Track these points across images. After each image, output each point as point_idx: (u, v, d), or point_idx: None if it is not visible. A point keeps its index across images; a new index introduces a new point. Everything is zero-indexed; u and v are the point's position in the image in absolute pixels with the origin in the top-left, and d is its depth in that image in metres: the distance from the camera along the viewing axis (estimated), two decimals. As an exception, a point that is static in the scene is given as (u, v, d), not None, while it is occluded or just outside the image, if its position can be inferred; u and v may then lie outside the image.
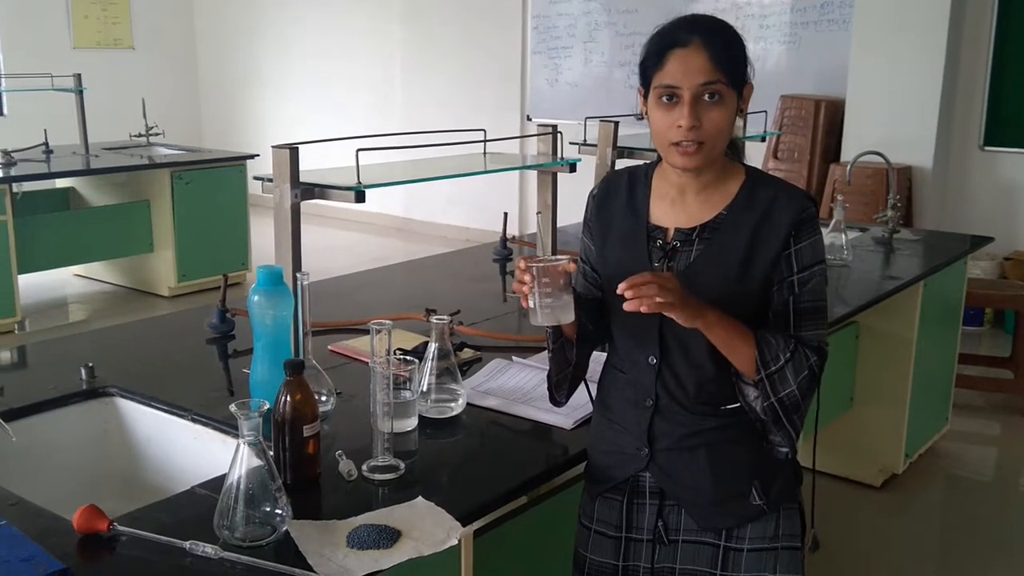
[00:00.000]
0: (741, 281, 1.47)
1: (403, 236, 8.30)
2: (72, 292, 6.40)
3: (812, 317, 1.48)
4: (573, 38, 7.45)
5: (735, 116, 1.47)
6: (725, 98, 1.43)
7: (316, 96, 8.95)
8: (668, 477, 1.53)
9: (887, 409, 3.50)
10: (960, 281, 3.84)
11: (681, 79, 1.41)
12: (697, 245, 1.50)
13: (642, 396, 1.53)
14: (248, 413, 1.32)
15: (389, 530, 1.36)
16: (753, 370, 1.44)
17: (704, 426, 1.51)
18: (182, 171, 5.96)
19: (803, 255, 1.47)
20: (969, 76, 5.79)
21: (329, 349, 2.22)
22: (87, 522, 1.34)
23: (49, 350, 2.42)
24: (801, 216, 1.46)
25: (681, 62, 1.41)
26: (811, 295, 1.48)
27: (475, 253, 3.51)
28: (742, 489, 1.51)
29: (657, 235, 1.53)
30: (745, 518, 1.52)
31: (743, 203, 1.49)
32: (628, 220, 1.56)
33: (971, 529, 3.43)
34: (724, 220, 1.49)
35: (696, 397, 1.50)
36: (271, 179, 1.88)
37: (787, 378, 1.43)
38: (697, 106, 1.41)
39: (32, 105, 6.70)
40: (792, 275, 1.47)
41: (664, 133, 1.45)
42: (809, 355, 1.45)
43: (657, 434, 1.53)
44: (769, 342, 1.44)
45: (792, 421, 1.47)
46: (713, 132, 1.43)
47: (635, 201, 1.57)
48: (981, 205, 5.86)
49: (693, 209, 1.52)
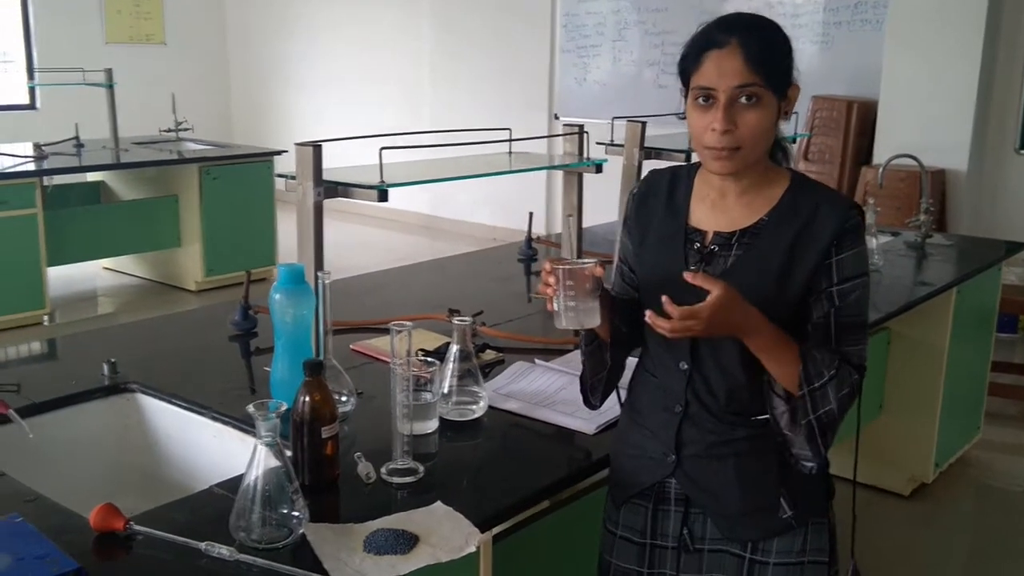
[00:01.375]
0: (779, 290, 1.42)
1: (430, 234, 8.30)
2: (101, 285, 6.46)
3: (853, 332, 1.43)
4: (602, 36, 7.41)
5: (776, 119, 1.42)
6: (763, 100, 1.38)
7: (345, 92, 8.97)
8: (695, 485, 1.50)
9: (917, 417, 3.43)
10: (994, 288, 3.76)
11: (716, 81, 1.38)
12: (736, 250, 1.45)
13: (672, 401, 1.50)
14: (266, 414, 1.31)
15: (407, 535, 1.34)
16: (796, 385, 1.39)
17: (734, 435, 1.47)
18: (210, 166, 6.00)
19: (845, 266, 1.41)
20: (1005, 78, 5.69)
21: (351, 348, 2.20)
22: (103, 520, 1.34)
23: (72, 344, 2.43)
24: (844, 226, 1.41)
25: (716, 64, 1.38)
26: (853, 309, 1.42)
27: (500, 253, 3.49)
28: (770, 501, 1.47)
29: (695, 238, 1.49)
30: (772, 531, 1.48)
31: (785, 210, 1.44)
32: (667, 221, 1.52)
33: (1001, 540, 3.36)
34: (764, 226, 1.45)
35: (727, 406, 1.47)
36: (294, 177, 1.86)
37: (828, 396, 1.39)
38: (732, 109, 1.37)
39: (64, 99, 6.77)
40: (832, 286, 1.41)
41: (700, 136, 1.42)
42: (851, 373, 1.41)
43: (685, 440, 1.49)
44: (815, 358, 1.39)
45: (826, 439, 1.42)
46: (749, 136, 1.38)
47: (675, 202, 1.53)
48: (1017, 210, 5.76)
49: (734, 213, 1.47)
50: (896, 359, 3.37)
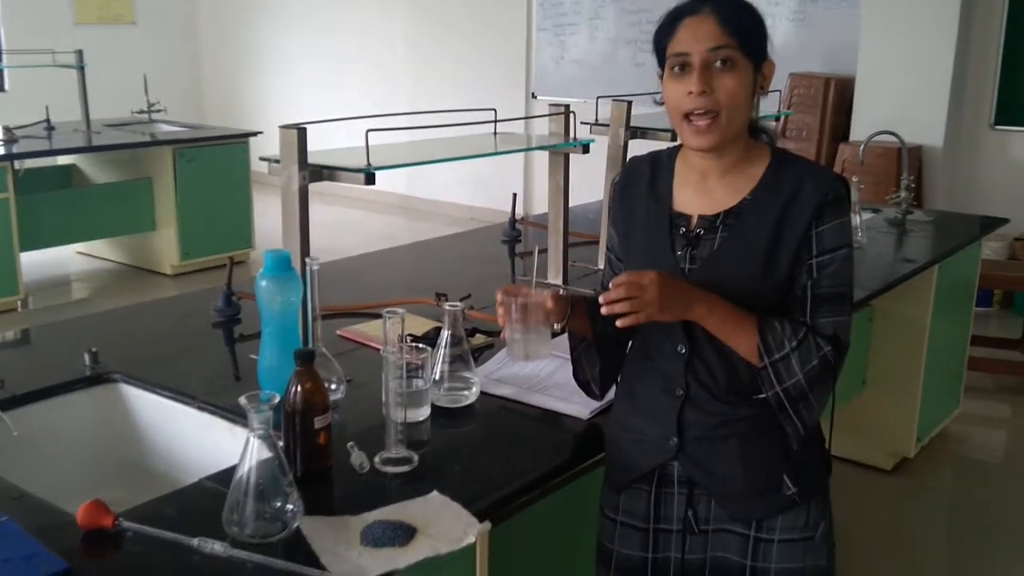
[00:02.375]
0: (767, 268, 1.42)
1: (406, 214, 8.24)
2: (75, 270, 6.37)
3: (831, 303, 1.42)
4: (579, 15, 7.35)
5: (753, 90, 1.41)
6: (738, 65, 1.38)
7: (319, 71, 8.86)
8: (698, 467, 1.49)
9: (899, 393, 3.46)
10: (974, 263, 3.79)
11: (691, 45, 1.38)
12: (721, 232, 1.44)
13: (672, 385, 1.49)
14: (258, 406, 1.28)
15: (404, 527, 1.32)
16: (757, 357, 1.39)
17: (735, 415, 1.46)
18: (184, 148, 5.91)
19: (825, 237, 1.41)
20: (980, 54, 5.71)
21: (338, 334, 2.17)
22: (91, 518, 1.30)
23: (52, 334, 2.38)
24: (826, 198, 1.40)
25: (691, 29, 1.39)
26: (831, 280, 1.42)
27: (483, 234, 3.46)
28: (774, 479, 1.47)
29: (680, 223, 1.48)
30: (777, 509, 1.48)
31: (768, 186, 1.44)
32: (650, 208, 1.51)
33: (981, 513, 3.40)
34: (748, 205, 1.44)
35: (728, 386, 1.46)
36: (278, 160, 1.82)
37: (792, 367, 1.38)
38: (708, 72, 1.37)
39: (33, 81, 6.63)
40: (811, 258, 1.41)
41: (676, 105, 1.41)
42: (821, 344, 1.40)
43: (687, 424, 1.48)
44: (774, 328, 1.39)
45: (799, 412, 1.42)
46: (727, 101, 1.38)
47: (657, 187, 1.52)
48: (991, 185, 5.80)
49: (717, 194, 1.46)
50: (878, 335, 3.39)
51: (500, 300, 1.47)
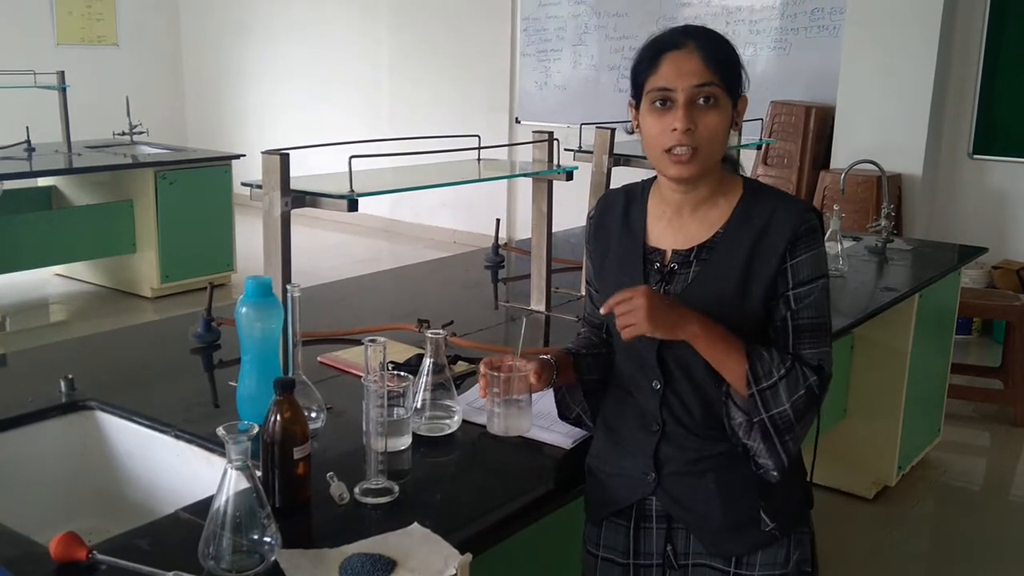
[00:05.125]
0: (740, 301, 1.42)
1: (389, 237, 8.23)
2: (53, 292, 6.30)
3: (812, 335, 1.43)
4: (563, 40, 7.41)
5: (730, 124, 1.42)
6: (720, 103, 1.39)
7: (302, 95, 8.86)
8: (676, 503, 1.48)
9: (880, 421, 3.46)
10: (954, 292, 3.81)
11: (675, 80, 1.38)
12: (695, 267, 1.45)
13: (648, 420, 1.49)
14: (236, 436, 1.26)
15: (384, 560, 1.29)
16: (744, 384, 1.38)
17: (712, 451, 1.46)
18: (166, 171, 5.88)
19: (800, 269, 1.41)
20: (959, 84, 5.79)
21: (318, 361, 2.15)
22: (65, 550, 1.27)
23: (27, 359, 2.34)
24: (799, 230, 1.41)
25: (674, 64, 1.38)
26: (810, 311, 1.42)
27: (466, 259, 3.45)
28: (750, 515, 1.46)
29: (655, 257, 1.48)
30: (756, 544, 1.47)
31: (740, 220, 1.44)
32: (625, 241, 1.52)
33: (963, 541, 3.40)
34: (721, 239, 1.44)
35: (704, 421, 1.45)
36: (260, 186, 1.81)
37: (780, 396, 1.38)
38: (692, 109, 1.37)
39: (14, 102, 6.59)
40: (788, 289, 1.41)
41: (657, 140, 1.40)
42: (807, 374, 1.40)
43: (664, 459, 1.48)
44: (763, 356, 1.39)
45: (784, 443, 1.41)
46: (708, 137, 1.38)
47: (631, 221, 1.52)
48: (970, 214, 5.86)
49: (690, 228, 1.47)
50: (860, 363, 3.40)
51: (483, 372, 1.49)
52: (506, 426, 1.49)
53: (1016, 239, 5.72)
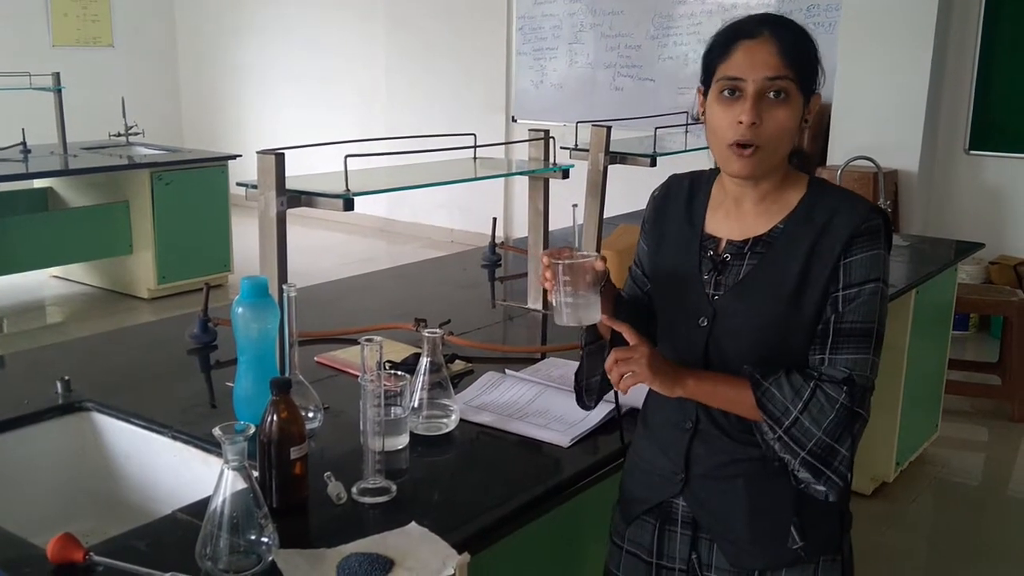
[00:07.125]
0: (795, 303, 1.34)
1: (386, 237, 8.23)
2: (49, 294, 6.30)
3: (853, 340, 1.32)
4: (558, 39, 7.40)
5: (800, 121, 1.35)
6: (791, 98, 1.32)
7: (298, 95, 8.86)
8: (702, 506, 1.44)
9: (878, 417, 3.39)
10: (951, 288, 3.81)
11: (747, 71, 1.31)
12: (749, 259, 1.39)
13: (682, 418, 1.44)
14: (233, 437, 1.26)
15: (382, 559, 1.29)
16: (767, 427, 1.33)
17: (745, 455, 1.39)
18: (162, 171, 5.87)
19: (853, 269, 1.32)
20: (955, 80, 5.79)
21: (315, 360, 2.15)
22: (62, 552, 1.27)
23: (23, 361, 2.34)
24: (859, 228, 1.32)
25: (747, 54, 1.32)
26: (855, 315, 1.32)
27: (463, 258, 3.45)
28: (779, 529, 1.39)
29: (710, 245, 1.43)
30: (780, 562, 1.40)
31: (802, 216, 1.37)
32: (683, 227, 1.47)
33: (961, 536, 3.41)
34: (779, 235, 1.38)
35: (739, 422, 1.39)
36: (255, 186, 1.81)
37: (808, 429, 1.30)
38: (760, 103, 1.31)
39: (10, 104, 6.58)
40: (838, 290, 1.33)
41: (722, 131, 1.34)
42: (832, 395, 1.30)
43: (695, 459, 1.43)
44: (773, 396, 1.31)
45: (834, 468, 1.31)
46: (775, 134, 1.32)
47: (693, 207, 1.48)
48: (966, 209, 5.86)
49: (749, 220, 1.41)
50: (858, 360, 3.39)
51: (546, 263, 1.39)
52: (579, 316, 1.38)
53: (1013, 234, 5.72)
